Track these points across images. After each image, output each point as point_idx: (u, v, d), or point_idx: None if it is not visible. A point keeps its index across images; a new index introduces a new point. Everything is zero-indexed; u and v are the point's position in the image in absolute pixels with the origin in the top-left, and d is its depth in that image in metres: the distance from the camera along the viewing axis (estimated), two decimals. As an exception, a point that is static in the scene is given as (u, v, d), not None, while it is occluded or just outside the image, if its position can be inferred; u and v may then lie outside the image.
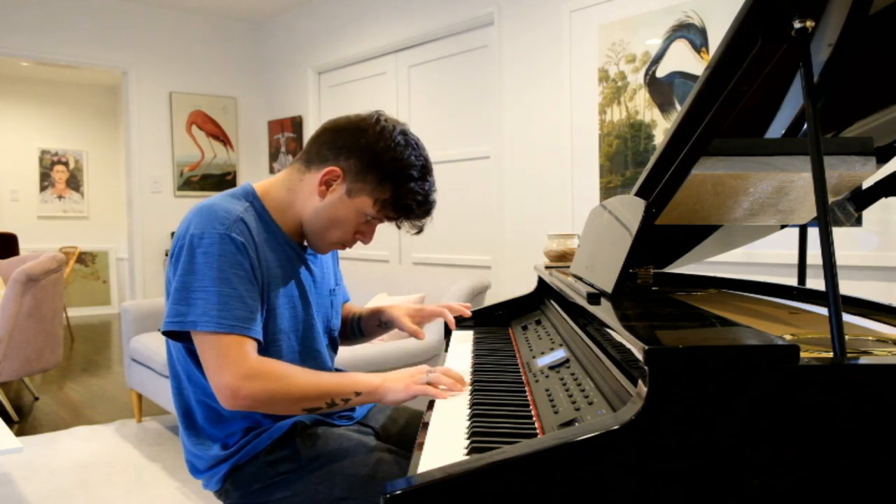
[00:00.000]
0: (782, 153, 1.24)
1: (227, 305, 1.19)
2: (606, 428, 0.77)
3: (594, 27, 3.43)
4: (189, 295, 1.20)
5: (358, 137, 1.30)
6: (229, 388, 1.17)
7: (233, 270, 1.21)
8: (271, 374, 1.20)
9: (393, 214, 1.33)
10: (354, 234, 1.36)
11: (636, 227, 1.18)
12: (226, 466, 1.34)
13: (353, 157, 1.30)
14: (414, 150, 1.31)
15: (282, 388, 1.19)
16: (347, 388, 1.24)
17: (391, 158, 1.29)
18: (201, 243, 1.21)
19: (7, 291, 3.59)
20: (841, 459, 0.79)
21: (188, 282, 1.20)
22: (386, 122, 1.32)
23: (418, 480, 0.77)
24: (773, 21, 0.95)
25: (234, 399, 1.18)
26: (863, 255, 2.59)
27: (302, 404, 1.22)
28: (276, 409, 1.23)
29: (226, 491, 1.36)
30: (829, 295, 0.88)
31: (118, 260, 7.84)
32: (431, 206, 1.35)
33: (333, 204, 1.32)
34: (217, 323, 1.18)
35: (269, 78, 5.95)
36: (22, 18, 5.02)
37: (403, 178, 1.29)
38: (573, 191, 3.57)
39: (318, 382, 1.23)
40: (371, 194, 1.30)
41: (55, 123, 7.68)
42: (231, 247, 1.22)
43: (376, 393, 1.24)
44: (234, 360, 1.18)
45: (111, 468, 2.95)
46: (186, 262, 1.21)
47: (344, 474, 1.29)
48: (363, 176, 1.30)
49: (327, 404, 1.23)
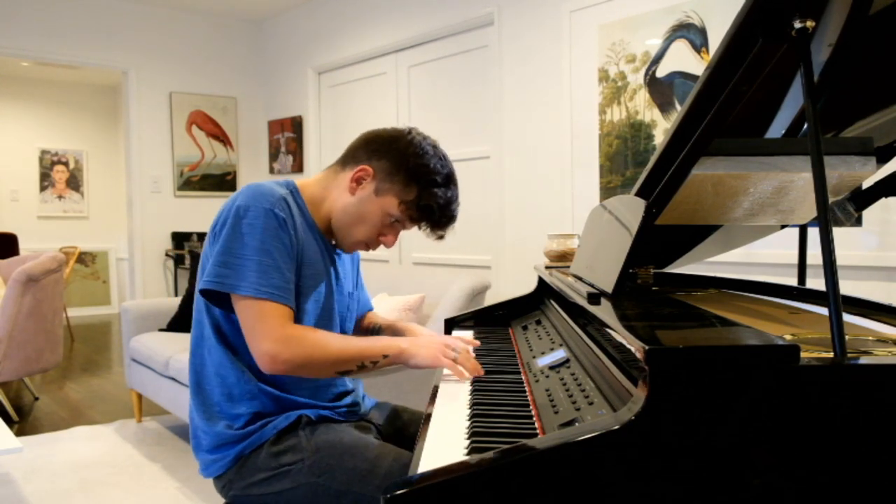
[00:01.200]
0: (782, 153, 1.24)
1: (266, 274, 1.28)
2: (607, 428, 0.77)
3: (594, 27, 3.43)
4: (232, 260, 1.28)
5: (391, 143, 1.42)
6: (268, 354, 1.26)
7: (274, 243, 1.30)
8: (306, 339, 1.29)
9: (416, 216, 1.42)
10: (378, 235, 1.45)
11: (636, 227, 1.18)
12: (231, 454, 1.36)
13: (384, 158, 1.41)
14: (441, 160, 1.43)
15: (317, 353, 1.29)
16: (376, 351, 1.34)
17: (419, 164, 1.39)
18: (247, 214, 1.30)
19: (7, 291, 3.59)
20: (841, 459, 0.79)
21: (232, 248, 1.29)
22: (418, 135, 1.44)
23: (418, 480, 0.77)
24: (774, 21, 0.95)
25: (273, 363, 1.27)
26: (863, 255, 2.59)
27: (336, 367, 1.33)
28: (312, 372, 1.33)
29: (229, 481, 1.37)
30: (829, 295, 0.88)
31: (118, 260, 7.84)
32: (453, 214, 1.45)
33: (362, 201, 1.42)
34: (255, 289, 1.27)
35: (269, 78, 5.95)
36: (22, 18, 5.02)
37: (428, 182, 1.39)
38: (573, 191, 3.57)
39: (348, 346, 1.33)
40: (398, 195, 1.40)
41: (55, 123, 7.68)
42: (274, 221, 1.30)
43: (403, 355, 1.35)
44: (273, 326, 1.27)
45: (111, 468, 2.95)
46: (231, 230, 1.30)
47: (344, 468, 1.31)
48: (392, 177, 1.40)
49: (358, 367, 1.33)
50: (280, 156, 5.82)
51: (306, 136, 5.52)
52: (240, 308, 1.30)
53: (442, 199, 1.41)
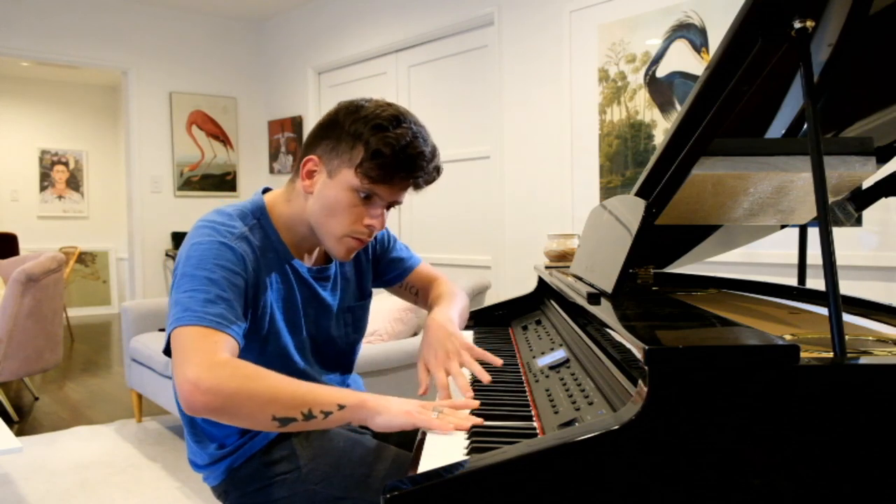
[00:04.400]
0: (782, 153, 1.24)
1: (212, 303, 1.11)
2: (606, 428, 0.77)
3: (594, 27, 3.43)
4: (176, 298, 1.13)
5: (324, 124, 1.29)
6: (190, 382, 1.01)
7: (223, 274, 1.15)
8: (240, 368, 1.05)
9: (375, 173, 1.20)
10: (359, 220, 1.26)
11: (636, 227, 1.18)
12: (222, 466, 1.34)
13: (323, 140, 1.27)
14: (381, 107, 1.24)
15: (249, 386, 1.03)
16: (329, 399, 1.07)
17: (355, 119, 1.23)
18: (199, 248, 1.17)
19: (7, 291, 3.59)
20: (841, 459, 0.79)
21: (180, 285, 1.15)
22: (349, 99, 1.29)
23: (418, 480, 0.77)
24: (774, 21, 0.95)
25: (193, 393, 1.01)
26: (863, 255, 2.59)
27: (272, 408, 1.04)
28: (242, 410, 1.04)
29: (224, 491, 1.36)
30: (829, 295, 0.88)
31: (118, 260, 7.84)
32: (420, 151, 1.22)
33: (321, 192, 1.26)
34: (198, 318, 1.09)
35: (269, 78, 5.95)
36: (22, 18, 5.02)
37: (372, 129, 1.20)
38: (573, 191, 3.57)
39: (293, 387, 1.07)
40: (349, 164, 1.22)
41: (55, 123, 7.68)
42: (230, 255, 1.18)
43: (363, 408, 1.08)
44: (204, 351, 1.05)
45: (111, 468, 2.95)
46: (182, 268, 1.17)
47: (342, 475, 1.29)
48: (336, 150, 1.24)
49: (303, 415, 1.05)
50: (280, 156, 5.82)
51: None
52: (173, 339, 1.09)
53: (396, 139, 1.19)
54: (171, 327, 1.11)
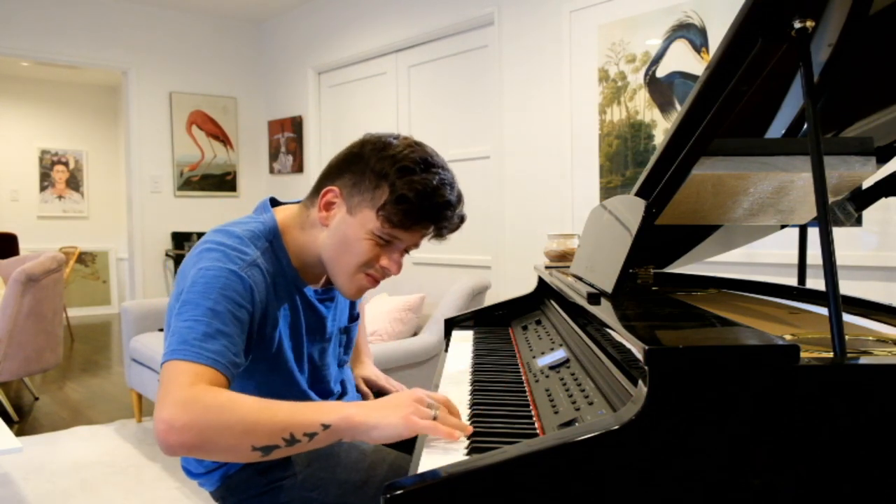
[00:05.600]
0: (782, 153, 1.24)
1: (211, 339, 1.05)
2: (607, 428, 0.77)
3: (594, 27, 3.43)
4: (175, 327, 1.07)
5: (348, 155, 1.23)
6: (164, 423, 0.94)
7: (228, 305, 1.09)
8: (213, 399, 0.97)
9: (397, 218, 1.16)
10: (373, 261, 1.21)
11: (636, 227, 1.18)
12: (217, 474, 1.33)
13: (346, 173, 1.21)
14: (410, 147, 1.19)
15: (223, 418, 0.95)
16: (311, 420, 0.98)
17: (381, 157, 1.17)
18: (207, 275, 1.11)
19: (7, 291, 3.59)
20: (841, 459, 0.79)
21: (181, 312, 1.09)
22: (376, 134, 1.23)
23: (418, 480, 0.77)
24: (774, 21, 0.95)
25: (168, 434, 0.94)
26: (863, 255, 2.59)
27: (250, 439, 0.96)
28: (219, 445, 0.96)
29: (221, 497, 1.35)
30: (829, 295, 0.88)
31: (118, 260, 7.84)
32: (446, 200, 1.17)
33: (338, 228, 1.21)
34: (195, 353, 1.02)
35: (269, 78, 5.95)
36: (22, 18, 5.02)
37: (398, 171, 1.15)
38: (573, 191, 3.57)
39: (270, 412, 0.98)
40: (371, 204, 1.17)
41: (55, 123, 7.68)
42: (239, 285, 1.11)
43: (351, 424, 0.98)
44: (177, 386, 0.98)
45: (111, 468, 2.95)
46: (187, 294, 1.10)
47: (337, 481, 1.27)
48: (359, 187, 1.19)
49: (285, 441, 0.97)
50: (280, 156, 5.82)
51: (306, 136, 5.52)
52: (163, 372, 1.02)
53: (423, 185, 1.14)
54: (165, 358, 1.03)
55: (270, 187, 6.01)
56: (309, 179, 5.49)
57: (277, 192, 5.89)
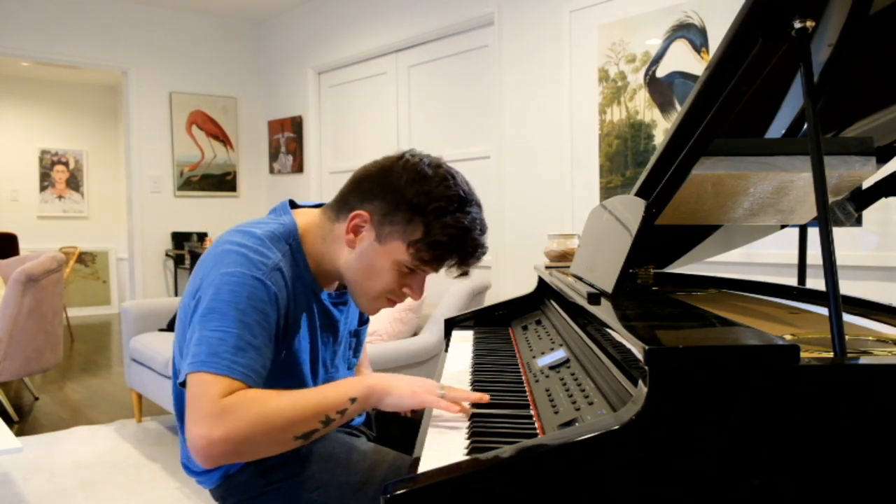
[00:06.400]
0: (782, 153, 1.24)
1: (242, 352, 1.06)
2: (607, 428, 0.77)
3: (594, 27, 3.43)
4: (202, 335, 1.08)
5: (382, 177, 1.21)
6: (202, 438, 0.98)
7: (255, 317, 1.10)
8: (244, 406, 1.01)
9: (428, 257, 1.17)
10: (398, 287, 1.24)
11: (636, 227, 1.18)
12: (216, 474, 1.32)
13: (377, 198, 1.19)
14: (446, 180, 1.18)
15: (260, 420, 1.00)
16: (340, 398, 1.07)
17: (418, 192, 1.16)
18: (231, 281, 1.10)
19: (7, 291, 3.59)
20: (841, 459, 0.79)
21: (207, 321, 1.09)
22: (412, 157, 1.21)
23: (418, 480, 0.77)
24: (774, 21, 0.95)
25: (208, 448, 0.98)
26: (863, 255, 2.59)
27: (291, 431, 1.04)
28: (262, 446, 1.04)
29: (222, 497, 1.35)
30: (829, 295, 0.88)
31: (118, 260, 7.84)
32: (477, 244, 1.20)
33: (365, 253, 1.21)
34: (227, 367, 1.04)
35: (269, 78, 5.95)
36: (22, 18, 5.02)
37: (434, 211, 1.16)
38: (573, 191, 3.57)
39: (303, 401, 1.05)
40: (402, 237, 1.18)
41: (55, 123, 7.68)
42: (263, 294, 1.12)
43: (373, 394, 1.10)
44: (208, 401, 1.01)
45: (111, 468, 2.95)
46: (210, 301, 1.10)
47: (337, 482, 1.27)
48: (391, 217, 1.18)
49: (322, 423, 1.06)
50: (280, 156, 5.82)
51: (306, 136, 5.52)
52: (191, 382, 1.05)
53: (456, 228, 1.16)
54: (194, 367, 1.04)
55: (270, 187, 6.01)
56: (309, 179, 5.50)
57: (277, 192, 5.89)
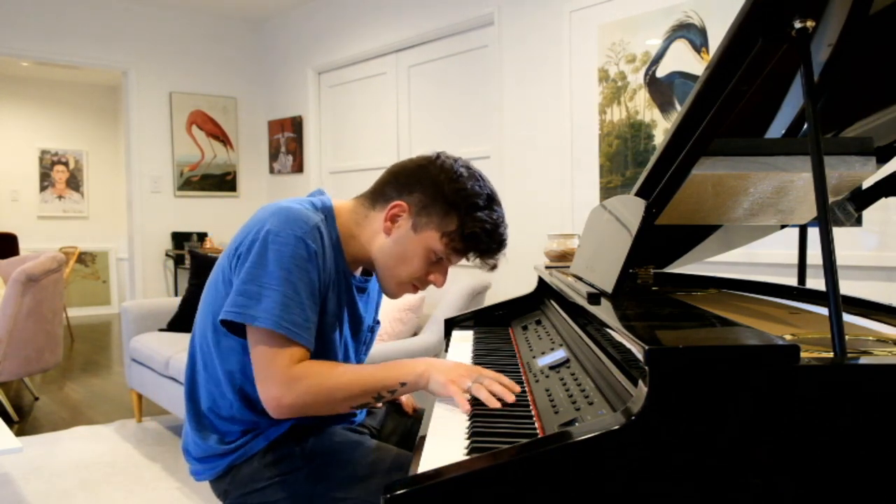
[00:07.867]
0: (782, 153, 1.24)
1: (288, 308, 1.18)
2: (607, 428, 0.77)
3: (594, 27, 3.43)
4: (254, 289, 1.19)
5: (420, 173, 1.32)
6: (274, 399, 1.18)
7: (300, 275, 1.20)
8: (311, 378, 1.19)
9: (461, 246, 1.31)
10: (425, 275, 1.35)
11: (636, 227, 1.18)
12: (222, 464, 1.34)
13: (416, 191, 1.31)
14: (477, 181, 1.32)
15: (323, 392, 1.19)
16: (392, 380, 1.22)
17: (455, 189, 1.29)
18: (276, 240, 1.20)
19: (7, 291, 3.59)
20: (841, 459, 0.79)
21: (256, 276, 1.20)
22: (447, 158, 1.34)
23: (418, 480, 0.77)
24: (774, 21, 0.95)
25: (279, 409, 1.19)
26: (863, 255, 2.59)
27: (347, 403, 1.22)
28: (322, 410, 1.23)
29: (225, 490, 1.36)
30: (829, 295, 0.88)
31: (118, 260, 7.84)
32: (503, 238, 1.33)
33: (400, 240, 1.32)
34: (275, 322, 1.17)
35: (269, 78, 5.95)
36: (22, 18, 5.02)
37: (469, 207, 1.28)
38: (573, 191, 3.57)
39: (360, 379, 1.22)
40: (437, 227, 1.30)
41: (55, 123, 7.68)
42: (304, 251, 1.21)
43: (420, 380, 1.22)
44: (280, 367, 1.18)
45: (111, 468, 2.95)
46: (256, 256, 1.20)
47: (341, 476, 1.29)
48: (428, 209, 1.30)
49: (374, 398, 1.23)
50: (280, 156, 5.82)
51: (306, 136, 5.52)
52: (254, 341, 1.21)
53: (488, 223, 1.29)
54: (246, 319, 1.18)
55: (270, 187, 6.01)
56: (309, 179, 5.49)
57: (277, 192, 5.89)
